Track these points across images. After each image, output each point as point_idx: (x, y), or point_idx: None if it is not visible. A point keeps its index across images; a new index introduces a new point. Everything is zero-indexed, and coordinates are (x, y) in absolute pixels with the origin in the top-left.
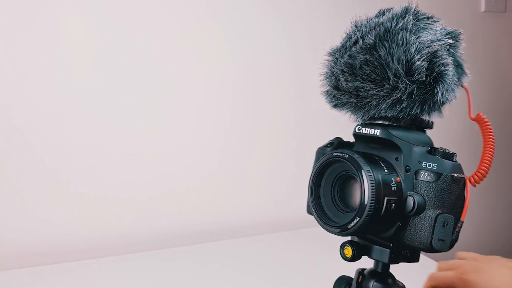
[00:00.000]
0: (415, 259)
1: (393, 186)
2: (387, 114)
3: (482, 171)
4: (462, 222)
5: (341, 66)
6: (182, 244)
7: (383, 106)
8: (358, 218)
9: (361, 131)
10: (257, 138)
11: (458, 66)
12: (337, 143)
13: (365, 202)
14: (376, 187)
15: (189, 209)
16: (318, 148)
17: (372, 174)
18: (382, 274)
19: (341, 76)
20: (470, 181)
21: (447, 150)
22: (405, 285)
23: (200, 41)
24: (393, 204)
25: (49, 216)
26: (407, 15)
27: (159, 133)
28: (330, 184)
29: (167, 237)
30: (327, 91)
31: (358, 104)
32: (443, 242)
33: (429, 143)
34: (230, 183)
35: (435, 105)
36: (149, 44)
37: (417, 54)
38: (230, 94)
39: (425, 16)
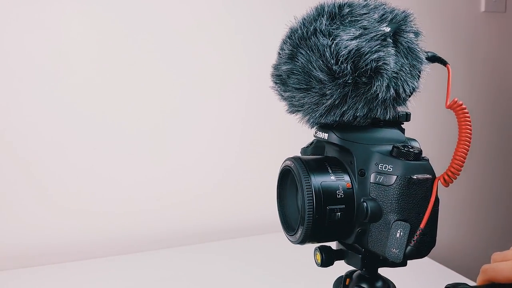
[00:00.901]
0: (400, 263)
1: (339, 193)
2: (327, 121)
3: (453, 169)
4: (423, 230)
5: (273, 78)
6: (182, 244)
7: (317, 114)
8: (301, 228)
9: (317, 134)
10: (258, 139)
11: (409, 52)
12: (314, 144)
13: (303, 213)
14: (315, 197)
15: (189, 209)
16: (301, 149)
17: (310, 183)
18: (369, 278)
19: (277, 87)
20: (440, 182)
21: (410, 147)
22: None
23: (203, 42)
24: (339, 213)
25: (49, 216)
26: (319, 17)
27: (160, 133)
28: (294, 193)
29: (167, 237)
30: (280, 99)
31: (298, 112)
32: (395, 252)
33: (396, 140)
34: (231, 183)
35: (385, 102)
36: (152, 44)
37: (333, 58)
38: (234, 94)
39: (354, 7)
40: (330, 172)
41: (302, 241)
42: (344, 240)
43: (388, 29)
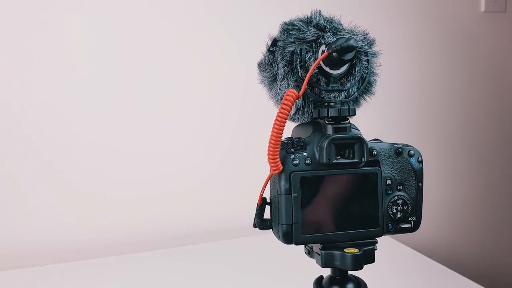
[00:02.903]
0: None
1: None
2: None
3: (268, 155)
4: (258, 207)
5: None
6: (182, 244)
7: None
8: None
9: None
10: (258, 139)
11: (275, 59)
12: None
13: None
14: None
15: (189, 209)
16: None
17: None
18: (339, 280)
19: None
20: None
21: (285, 139)
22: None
23: (200, 44)
24: None
25: (48, 216)
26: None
27: (160, 133)
28: None
29: (167, 237)
30: None
31: None
32: None
33: (300, 133)
34: (231, 183)
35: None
36: (150, 44)
37: None
38: (231, 94)
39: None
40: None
41: None
42: None
43: (269, 44)
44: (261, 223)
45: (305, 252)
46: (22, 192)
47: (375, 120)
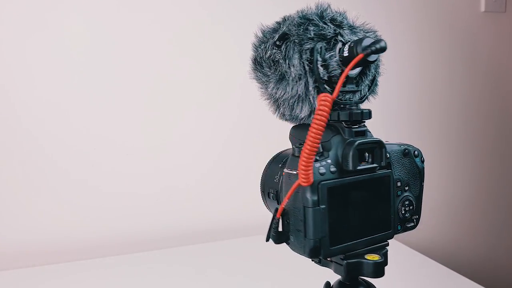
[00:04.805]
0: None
1: (276, 178)
2: (280, 119)
3: (301, 169)
4: (278, 220)
5: None
6: (181, 244)
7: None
8: None
9: None
10: (256, 138)
11: (293, 56)
12: None
13: None
14: (263, 178)
15: (189, 209)
16: None
17: (266, 168)
18: (349, 285)
19: None
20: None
21: (298, 144)
22: None
23: (198, 41)
24: (272, 194)
25: (48, 216)
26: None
27: (159, 132)
28: None
29: (167, 237)
30: None
31: None
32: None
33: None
34: (230, 182)
35: (296, 100)
36: (149, 43)
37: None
38: (229, 93)
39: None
40: (282, 162)
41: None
42: None
43: (276, 38)
44: (278, 237)
45: (315, 261)
46: (22, 192)
47: (375, 120)
